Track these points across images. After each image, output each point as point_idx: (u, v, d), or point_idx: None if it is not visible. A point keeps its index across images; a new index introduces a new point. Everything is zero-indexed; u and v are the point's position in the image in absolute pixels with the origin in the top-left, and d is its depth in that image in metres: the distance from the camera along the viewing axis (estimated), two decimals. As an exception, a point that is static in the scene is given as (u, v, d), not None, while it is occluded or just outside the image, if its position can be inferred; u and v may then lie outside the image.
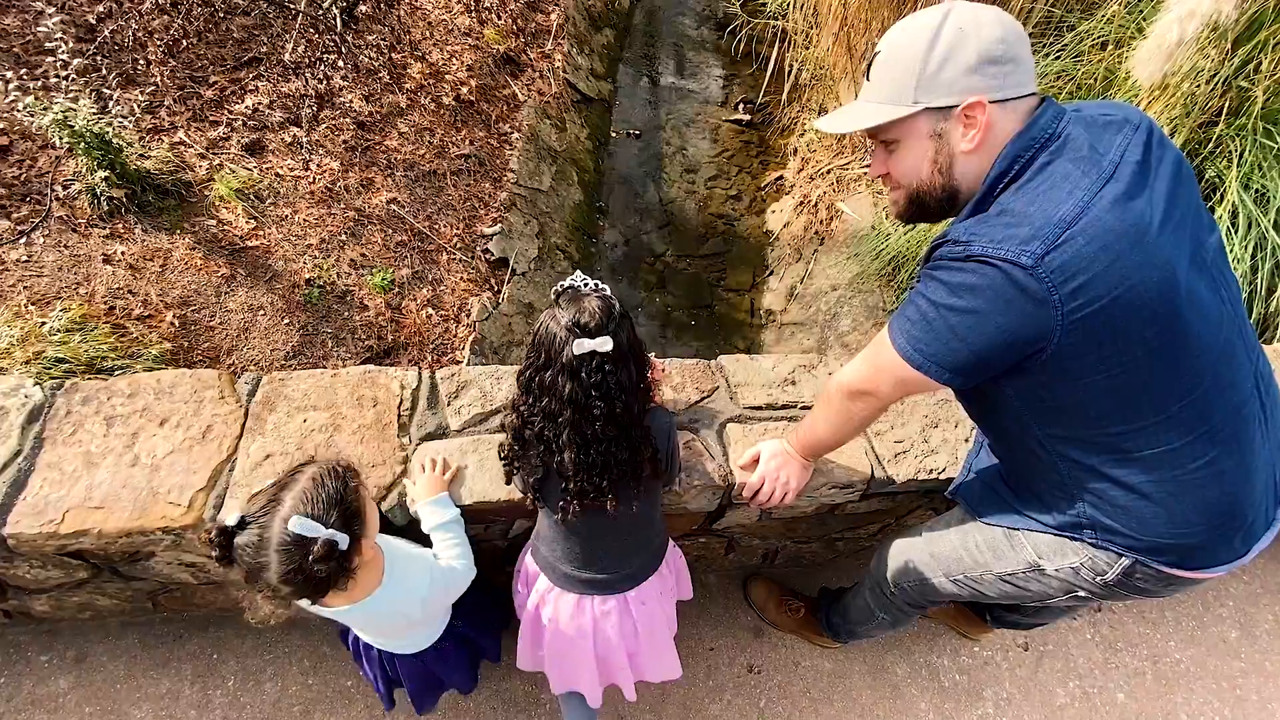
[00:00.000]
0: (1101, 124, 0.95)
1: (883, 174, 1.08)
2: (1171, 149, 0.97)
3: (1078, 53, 2.74)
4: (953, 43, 0.93)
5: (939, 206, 1.04)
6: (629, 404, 1.09)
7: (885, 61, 0.99)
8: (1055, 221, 0.86)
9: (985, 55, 0.92)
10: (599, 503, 1.16)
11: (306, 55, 3.18)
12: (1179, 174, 0.95)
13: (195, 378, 1.46)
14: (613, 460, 1.12)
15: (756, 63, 4.43)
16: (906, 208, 1.08)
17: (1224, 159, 2.46)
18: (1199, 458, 0.97)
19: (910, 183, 1.04)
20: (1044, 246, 0.85)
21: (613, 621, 1.36)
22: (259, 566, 0.97)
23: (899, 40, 0.98)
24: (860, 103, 1.04)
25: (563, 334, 1.05)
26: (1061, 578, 1.16)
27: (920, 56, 0.94)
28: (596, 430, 1.09)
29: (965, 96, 0.94)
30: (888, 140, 1.03)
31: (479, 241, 3.22)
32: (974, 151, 0.97)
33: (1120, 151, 0.91)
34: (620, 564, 1.33)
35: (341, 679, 1.76)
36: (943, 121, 0.97)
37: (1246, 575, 2.25)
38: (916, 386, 1.04)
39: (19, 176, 2.67)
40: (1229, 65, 2.36)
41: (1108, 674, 2.00)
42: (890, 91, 0.98)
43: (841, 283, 3.48)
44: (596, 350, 1.04)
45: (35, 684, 1.66)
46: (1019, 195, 0.91)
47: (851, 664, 1.94)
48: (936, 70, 0.94)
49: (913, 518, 1.87)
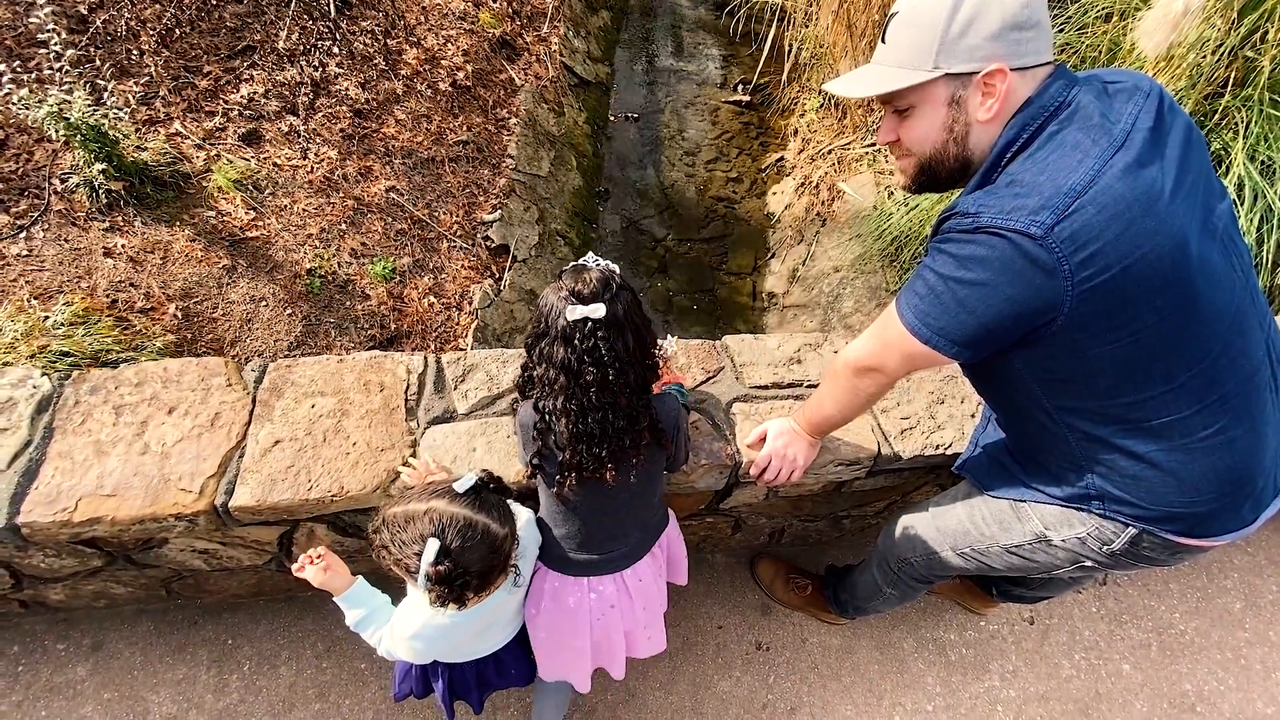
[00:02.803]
0: (1112, 92, 0.94)
1: (892, 140, 1.05)
2: (1182, 115, 0.96)
3: (1082, 24, 2.71)
4: (978, 6, 0.90)
5: (950, 176, 1.02)
6: (623, 371, 1.09)
7: (904, 23, 0.95)
8: (1065, 191, 0.85)
9: (1010, 20, 0.90)
10: (597, 474, 1.16)
11: (301, 43, 3.15)
12: (1189, 140, 0.94)
13: (202, 365, 1.46)
14: (610, 429, 1.12)
15: (755, 42, 4.38)
16: (916, 176, 1.05)
17: (1230, 130, 2.44)
18: (1209, 426, 0.96)
19: (924, 150, 1.01)
20: (1054, 216, 0.84)
21: (611, 600, 1.37)
22: (481, 538, 1.05)
23: (920, 3, 0.94)
24: (875, 65, 1.00)
25: (559, 302, 1.07)
26: (1068, 548, 1.16)
27: (943, 19, 0.90)
28: (591, 398, 1.09)
29: (986, 63, 0.91)
30: (901, 106, 1.00)
31: (479, 228, 3.21)
32: (990, 120, 0.95)
33: (1131, 119, 0.90)
34: (618, 541, 1.32)
35: (355, 661, 1.78)
36: (961, 88, 0.94)
37: (1250, 547, 2.26)
38: (925, 361, 1.03)
39: (16, 171, 2.66)
40: (1235, 34, 2.33)
41: (1113, 646, 2.01)
42: (909, 55, 0.94)
43: (844, 264, 3.46)
44: (590, 316, 1.05)
45: (53, 672, 1.68)
46: (1028, 164, 0.90)
47: (859, 640, 1.95)
48: (959, 34, 0.91)
49: (919, 494, 1.88)
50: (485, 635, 1.33)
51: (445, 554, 1.00)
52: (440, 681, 1.39)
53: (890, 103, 1.01)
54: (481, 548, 1.05)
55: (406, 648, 1.20)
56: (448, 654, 1.32)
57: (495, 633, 1.35)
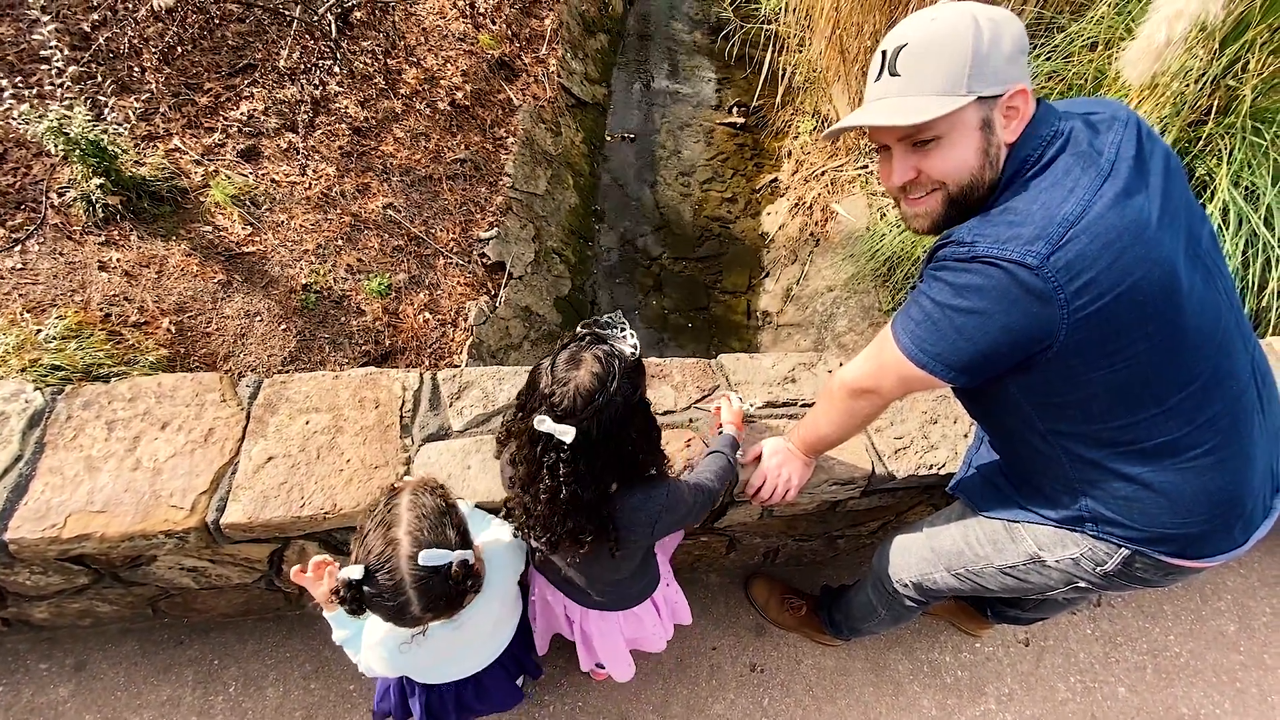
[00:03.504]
0: (1094, 122, 0.96)
1: (912, 178, 1.00)
2: (1160, 143, 0.99)
3: (1068, 53, 2.77)
4: (995, 30, 0.91)
5: (979, 203, 0.98)
6: (576, 493, 1.01)
7: (925, 51, 0.93)
8: (1059, 220, 0.87)
9: (1018, 43, 0.92)
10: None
11: (302, 62, 3.18)
12: (1169, 167, 0.97)
13: (196, 381, 1.46)
14: (555, 525, 1.07)
15: (750, 66, 4.46)
16: (945, 213, 1.00)
17: (1214, 156, 2.49)
18: (1199, 446, 0.98)
19: (961, 179, 0.97)
20: (1049, 246, 0.86)
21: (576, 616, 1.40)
22: (400, 606, 0.98)
23: (936, 31, 0.92)
24: (895, 99, 0.96)
25: (540, 394, 0.99)
26: (1062, 569, 1.17)
27: (971, 43, 0.90)
28: (540, 499, 1.04)
29: (1009, 85, 0.92)
30: (925, 138, 0.96)
31: (475, 245, 3.22)
32: (1014, 141, 0.95)
33: (1115, 148, 0.93)
34: (586, 587, 1.32)
35: (344, 683, 1.75)
36: (989, 111, 0.94)
37: (1243, 568, 2.26)
38: (920, 384, 1.04)
39: (13, 184, 2.66)
40: (1217, 64, 2.39)
41: (1108, 668, 2.00)
42: (940, 81, 0.92)
43: (837, 283, 3.49)
44: (556, 436, 0.97)
45: (35, 692, 1.64)
46: (1023, 193, 0.92)
47: (854, 661, 1.94)
48: (986, 57, 0.90)
49: (913, 514, 1.88)
50: (460, 657, 1.31)
51: (359, 586, 0.97)
52: (417, 703, 1.37)
53: (914, 135, 0.97)
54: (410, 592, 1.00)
55: (375, 655, 1.19)
56: (419, 672, 1.30)
57: (471, 655, 1.33)
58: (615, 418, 0.99)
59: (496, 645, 1.37)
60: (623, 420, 1.01)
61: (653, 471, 1.13)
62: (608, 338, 1.03)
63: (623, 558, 1.19)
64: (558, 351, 1.02)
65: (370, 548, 0.99)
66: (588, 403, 0.96)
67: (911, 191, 1.02)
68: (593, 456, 1.00)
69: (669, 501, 1.15)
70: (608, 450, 1.01)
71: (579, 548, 1.09)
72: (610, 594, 1.34)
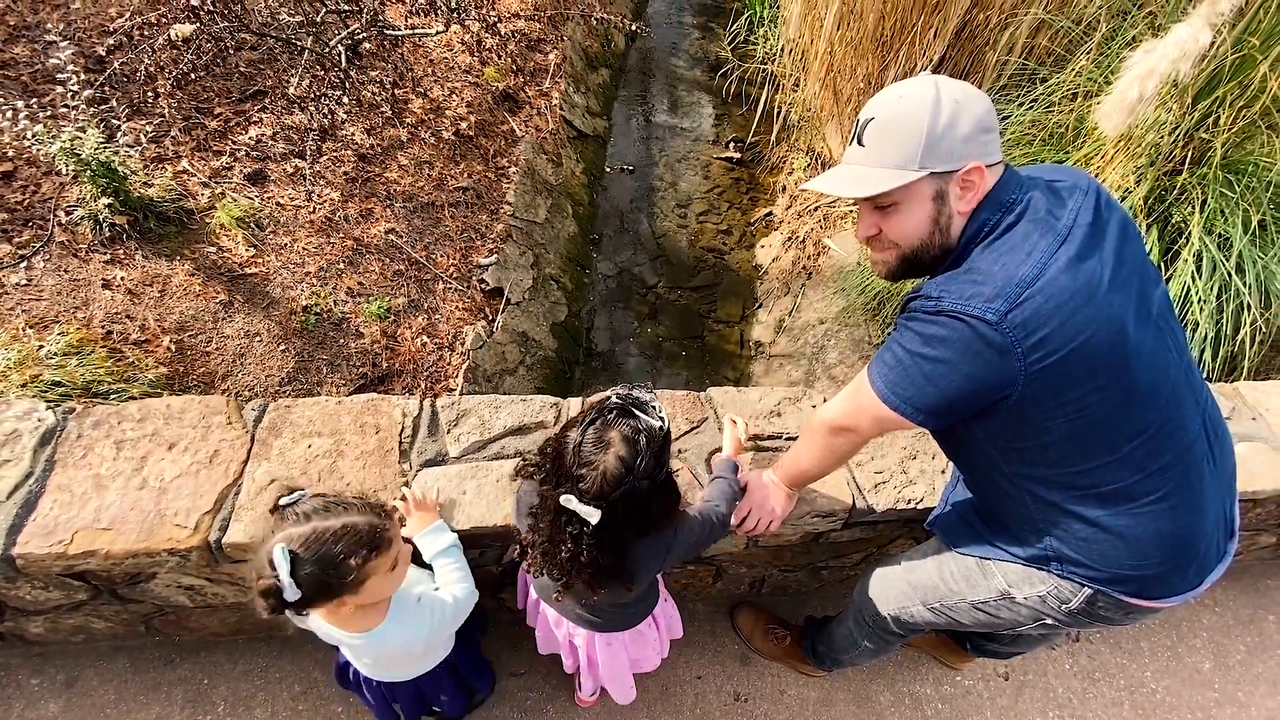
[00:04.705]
0: (1056, 189, 1.05)
1: (873, 234, 1.11)
2: (1118, 209, 1.07)
3: (1049, 104, 2.89)
4: (954, 112, 0.99)
5: (932, 264, 1.08)
6: (595, 559, 1.06)
7: (886, 128, 1.02)
8: (1016, 281, 0.94)
9: (979, 124, 1.00)
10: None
11: (311, 90, 3.27)
12: (1125, 234, 1.05)
13: (204, 404, 1.50)
14: (572, 575, 1.11)
15: (747, 104, 4.59)
16: (899, 267, 1.11)
17: (1188, 205, 2.59)
18: (1152, 493, 1.04)
19: (912, 242, 1.07)
20: (1007, 304, 0.94)
21: (581, 642, 1.43)
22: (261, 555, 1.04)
23: (900, 109, 1.01)
24: (858, 167, 1.05)
25: (566, 472, 1.01)
26: (1030, 605, 1.22)
27: (926, 124, 0.98)
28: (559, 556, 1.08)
29: (964, 162, 1.00)
30: (884, 204, 1.05)
31: (475, 271, 3.29)
32: (967, 212, 1.04)
33: (1073, 215, 1.01)
34: (590, 614, 1.36)
35: (331, 704, 1.76)
36: (943, 184, 1.02)
37: (1219, 607, 2.31)
38: (894, 425, 1.11)
39: (22, 201, 2.72)
40: (1190, 118, 2.50)
41: (1086, 704, 2.04)
42: (896, 157, 1.01)
43: (828, 316, 3.58)
44: (582, 516, 1.00)
45: (25, 707, 1.65)
46: (985, 255, 1.00)
47: (837, 692, 1.97)
48: (940, 137, 0.98)
49: (894, 547, 1.92)
50: (382, 666, 1.37)
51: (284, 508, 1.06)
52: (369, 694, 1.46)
53: (871, 200, 1.07)
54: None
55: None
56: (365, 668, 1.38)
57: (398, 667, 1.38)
58: (640, 498, 1.03)
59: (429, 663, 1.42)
60: (648, 496, 1.04)
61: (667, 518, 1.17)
62: (636, 410, 1.04)
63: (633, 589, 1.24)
64: (586, 425, 1.03)
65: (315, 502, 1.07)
66: (615, 488, 0.99)
67: (873, 245, 1.14)
68: (616, 529, 1.04)
69: (678, 539, 1.21)
70: (631, 521, 1.05)
71: (594, 595, 1.14)
72: (617, 616, 1.39)
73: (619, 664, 1.48)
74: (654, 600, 1.47)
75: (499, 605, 1.81)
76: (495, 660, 1.85)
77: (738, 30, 5.05)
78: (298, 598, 1.01)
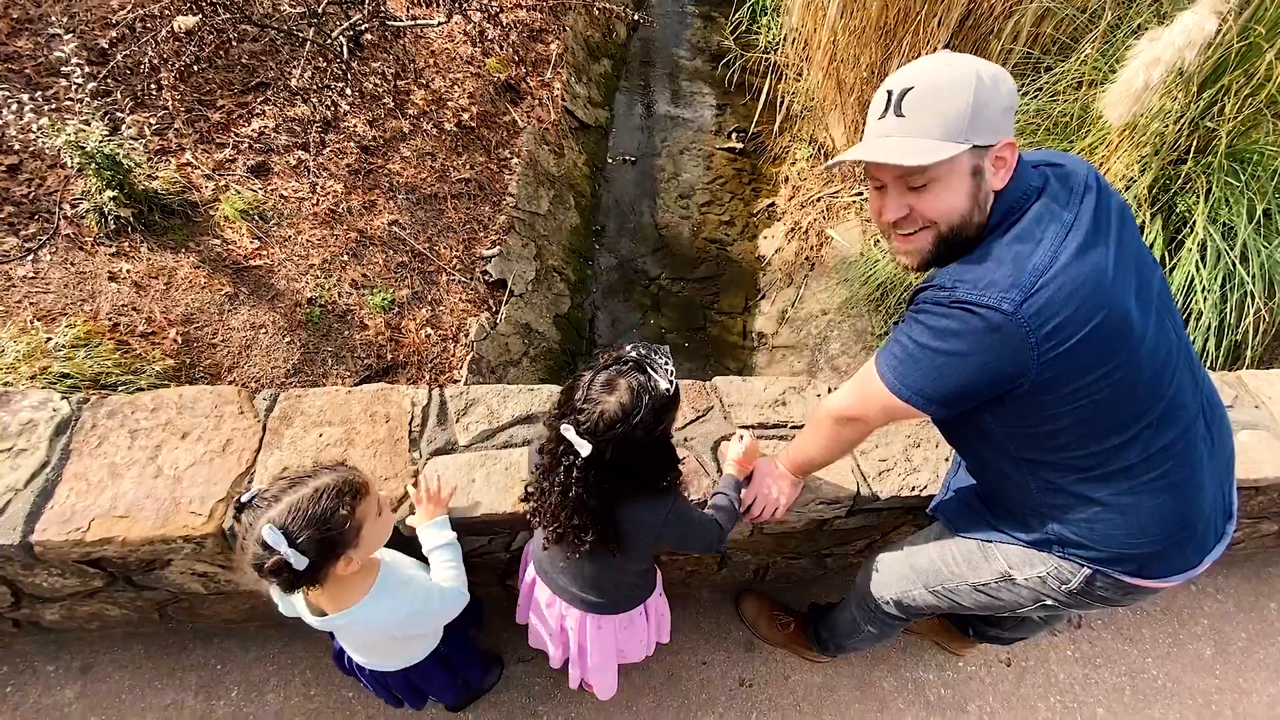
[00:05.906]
0: (1061, 175, 1.05)
1: (903, 215, 1.05)
2: (1115, 196, 1.08)
3: (1054, 92, 2.88)
4: (991, 86, 0.97)
5: (966, 244, 1.04)
6: (582, 496, 1.10)
7: (933, 97, 0.97)
8: (1029, 270, 0.95)
9: (1008, 101, 1.00)
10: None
11: (314, 81, 3.27)
12: (1123, 220, 1.06)
13: (216, 394, 1.52)
14: (562, 518, 1.16)
15: (749, 93, 4.58)
16: (934, 250, 1.05)
17: (1193, 195, 2.59)
18: (1154, 470, 1.06)
19: (952, 219, 1.02)
20: (1022, 294, 0.94)
21: (573, 625, 1.46)
22: (243, 547, 1.05)
23: (944, 78, 0.97)
24: (901, 138, 0.99)
25: (571, 404, 1.07)
26: (1030, 586, 1.24)
27: (973, 94, 0.95)
28: (553, 490, 1.14)
29: (1000, 137, 0.99)
30: (918, 183, 1.01)
31: (478, 263, 3.30)
32: (998, 190, 1.02)
33: (1079, 202, 1.02)
34: (585, 591, 1.39)
35: (343, 690, 1.79)
36: (980, 159, 0.99)
37: (1220, 594, 2.33)
38: (903, 414, 1.12)
39: (28, 195, 2.73)
40: (1195, 107, 2.49)
41: (1088, 689, 2.06)
42: (941, 128, 0.97)
43: (831, 307, 3.58)
44: (574, 446, 1.05)
45: (41, 693, 1.68)
46: (1000, 241, 1.00)
47: (840, 678, 1.99)
48: (984, 108, 0.96)
49: (897, 534, 1.94)
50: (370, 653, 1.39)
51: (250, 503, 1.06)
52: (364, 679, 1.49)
53: (907, 177, 1.01)
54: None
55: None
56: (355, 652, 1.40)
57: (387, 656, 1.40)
58: (631, 447, 1.07)
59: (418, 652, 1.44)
60: (638, 450, 1.08)
61: (664, 484, 1.19)
62: (649, 367, 1.09)
63: (625, 561, 1.27)
64: (600, 368, 1.09)
65: (277, 485, 1.07)
66: (608, 429, 1.04)
67: (902, 228, 1.07)
68: (602, 472, 1.09)
69: (673, 516, 1.22)
70: (617, 470, 1.09)
71: (580, 545, 1.17)
72: (611, 595, 1.41)
73: (607, 651, 1.51)
74: (650, 588, 1.49)
75: (506, 593, 1.83)
76: (504, 646, 1.87)
77: (740, 19, 5.02)
78: (305, 564, 1.02)
